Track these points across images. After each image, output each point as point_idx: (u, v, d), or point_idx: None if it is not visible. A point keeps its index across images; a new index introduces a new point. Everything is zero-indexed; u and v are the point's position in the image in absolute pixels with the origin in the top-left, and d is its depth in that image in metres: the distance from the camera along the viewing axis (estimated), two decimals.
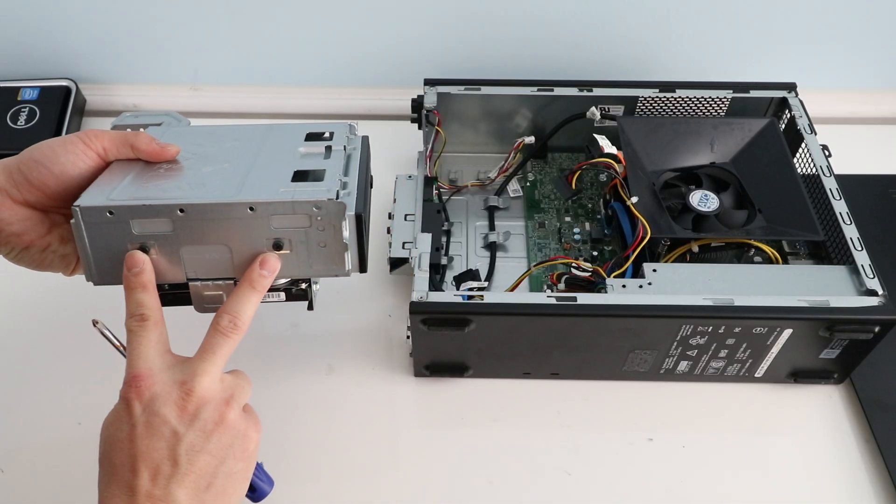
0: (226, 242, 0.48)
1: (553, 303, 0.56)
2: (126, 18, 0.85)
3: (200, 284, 0.50)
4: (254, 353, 0.66)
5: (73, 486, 0.58)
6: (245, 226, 0.47)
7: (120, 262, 0.48)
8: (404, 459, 0.60)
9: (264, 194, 0.46)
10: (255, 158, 0.52)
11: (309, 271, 0.50)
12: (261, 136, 0.55)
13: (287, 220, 0.47)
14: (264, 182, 0.48)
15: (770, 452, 0.61)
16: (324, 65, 0.89)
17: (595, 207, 0.74)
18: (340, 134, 0.55)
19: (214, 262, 0.49)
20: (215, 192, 0.47)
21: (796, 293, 0.57)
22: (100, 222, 0.46)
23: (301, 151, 0.53)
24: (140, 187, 0.48)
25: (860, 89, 0.90)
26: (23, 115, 0.83)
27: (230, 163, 0.51)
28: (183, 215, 0.46)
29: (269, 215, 0.46)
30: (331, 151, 0.53)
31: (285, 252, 0.48)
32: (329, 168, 0.50)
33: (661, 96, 0.73)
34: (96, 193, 0.47)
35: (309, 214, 0.47)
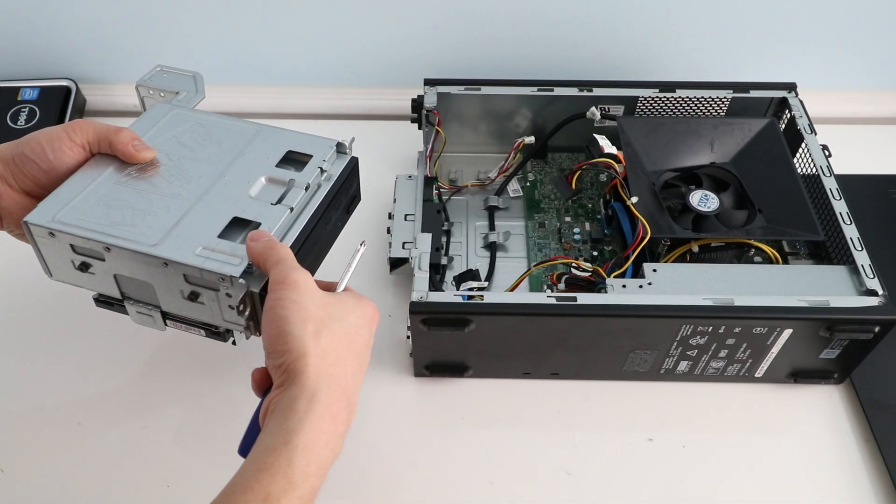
0: (148, 280, 0.50)
1: (553, 303, 0.56)
2: (126, 18, 0.85)
3: (133, 304, 0.53)
4: (254, 352, 0.66)
5: (73, 486, 0.58)
6: (162, 274, 0.49)
7: (68, 268, 0.52)
8: (404, 459, 0.60)
9: (180, 253, 0.48)
10: (214, 183, 0.53)
11: (222, 323, 0.52)
12: (242, 144, 0.56)
13: (198, 279, 0.49)
14: (194, 231, 0.49)
15: (770, 452, 0.61)
16: (324, 65, 0.89)
17: (595, 207, 0.74)
18: (316, 161, 0.55)
19: (143, 290, 0.52)
20: (146, 231, 0.49)
21: (796, 293, 0.57)
22: (45, 237, 0.50)
23: (262, 181, 0.54)
24: (96, 201, 0.50)
25: (860, 89, 0.90)
26: (23, 115, 0.83)
27: (189, 185, 0.52)
28: (108, 252, 0.49)
29: (180, 272, 0.49)
30: (289, 190, 0.53)
31: (200, 303, 0.50)
32: (266, 221, 0.51)
33: (661, 96, 0.73)
34: (50, 207, 0.50)
35: (217, 281, 0.48)
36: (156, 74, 0.62)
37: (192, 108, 0.59)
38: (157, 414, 0.62)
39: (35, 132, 0.52)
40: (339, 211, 0.57)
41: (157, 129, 0.56)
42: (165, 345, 0.67)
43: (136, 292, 0.52)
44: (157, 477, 0.59)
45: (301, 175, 0.54)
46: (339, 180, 0.55)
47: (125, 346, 0.67)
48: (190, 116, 0.58)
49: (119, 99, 0.89)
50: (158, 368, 0.65)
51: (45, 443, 0.60)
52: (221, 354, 0.66)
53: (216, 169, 0.54)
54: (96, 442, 0.61)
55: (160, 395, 0.64)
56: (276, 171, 0.54)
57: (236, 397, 0.64)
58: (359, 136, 0.61)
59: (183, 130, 0.57)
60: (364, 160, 0.63)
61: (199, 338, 0.68)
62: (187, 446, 0.61)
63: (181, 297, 0.50)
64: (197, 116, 0.58)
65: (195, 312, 0.51)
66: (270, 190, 0.53)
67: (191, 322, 0.53)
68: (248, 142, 0.56)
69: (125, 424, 0.62)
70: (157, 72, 0.62)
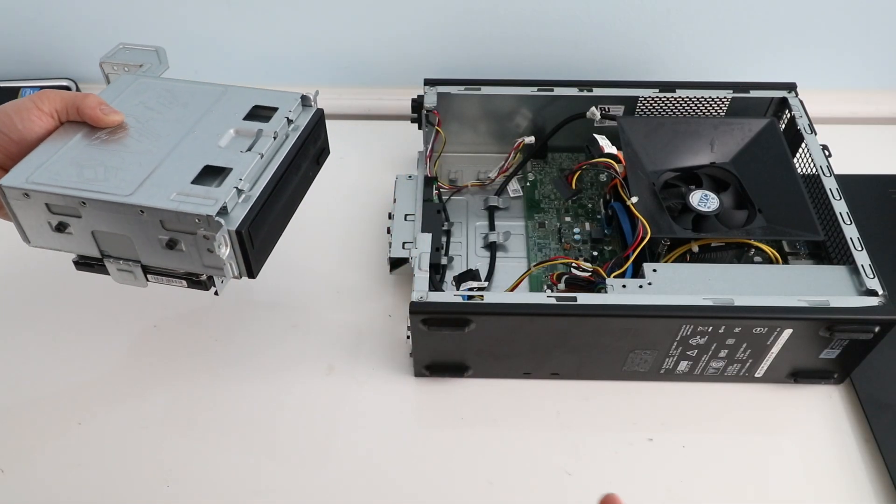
0: (127, 233, 0.51)
1: (553, 303, 0.56)
2: (125, 18, 0.85)
3: (113, 261, 0.53)
4: (254, 353, 0.67)
5: (73, 485, 0.58)
6: (139, 223, 0.50)
7: (45, 232, 0.52)
8: (404, 459, 0.60)
9: (155, 199, 0.49)
10: (184, 138, 0.54)
11: (202, 269, 0.52)
12: (209, 103, 0.57)
13: (175, 224, 0.49)
14: (168, 179, 0.50)
15: (770, 452, 0.61)
16: (324, 65, 0.89)
17: (595, 207, 0.74)
18: (283, 112, 0.57)
19: (121, 245, 0.52)
20: (120, 184, 0.50)
21: (796, 293, 0.57)
22: (20, 199, 0.50)
23: (231, 133, 0.55)
24: (68, 162, 0.51)
25: (860, 89, 0.90)
26: None
27: (159, 141, 0.53)
28: (85, 206, 0.49)
29: (157, 219, 0.49)
30: (258, 138, 0.54)
31: (179, 250, 0.51)
32: (237, 167, 0.52)
33: (661, 96, 0.73)
34: (23, 170, 0.50)
35: (193, 224, 0.49)
36: (119, 51, 0.63)
37: (158, 77, 0.61)
38: (156, 414, 0.62)
39: (2, 105, 0.52)
40: (308, 161, 0.58)
41: (124, 97, 0.57)
42: (165, 346, 0.67)
43: (116, 249, 0.53)
44: (157, 477, 0.59)
45: (268, 125, 0.55)
46: (306, 129, 0.57)
47: (125, 347, 0.67)
48: (155, 84, 0.59)
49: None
50: (159, 369, 0.65)
51: (45, 443, 0.60)
52: (223, 354, 0.66)
53: (184, 126, 0.55)
54: (96, 442, 0.61)
55: (160, 395, 0.64)
56: (243, 124, 0.56)
57: (236, 397, 0.64)
58: (359, 136, 0.61)
59: (149, 96, 0.58)
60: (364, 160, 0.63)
61: (198, 338, 0.68)
62: (187, 446, 0.61)
63: (160, 247, 0.51)
64: (162, 83, 0.59)
65: (175, 262, 0.52)
66: (239, 141, 0.55)
67: (171, 274, 0.54)
68: (214, 101, 0.58)
69: (125, 424, 0.62)
70: (120, 49, 0.64)
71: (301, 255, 0.73)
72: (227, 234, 0.49)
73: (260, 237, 0.51)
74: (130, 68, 0.62)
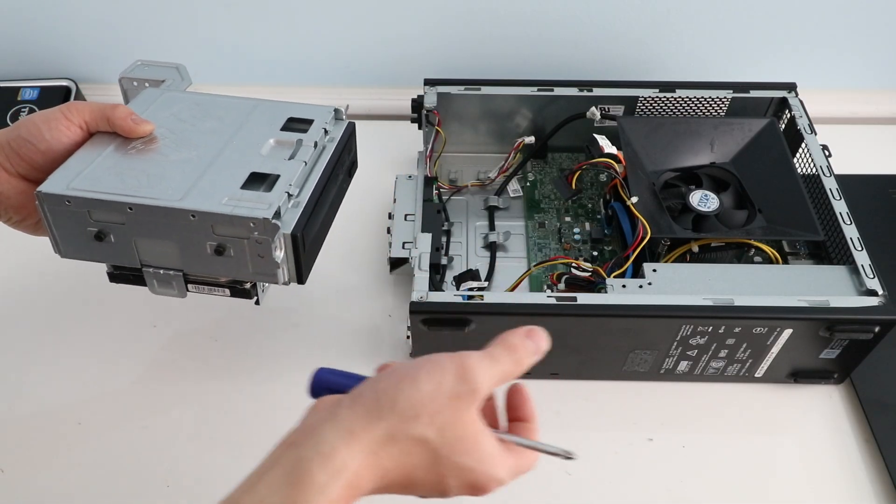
0: (172, 240, 0.50)
1: (553, 303, 0.56)
2: (125, 18, 0.85)
3: (153, 271, 0.52)
4: (253, 353, 0.67)
5: (73, 486, 0.58)
6: (188, 229, 0.49)
7: (81, 242, 0.50)
8: None
9: (207, 203, 0.48)
10: (224, 148, 0.53)
11: (249, 276, 0.51)
12: (242, 117, 0.56)
13: (227, 229, 0.48)
14: (216, 185, 0.49)
15: (770, 452, 0.61)
16: (324, 65, 0.89)
17: (595, 207, 0.74)
18: (319, 124, 0.56)
19: (164, 254, 0.51)
20: (167, 191, 0.49)
21: (796, 293, 0.57)
22: (59, 207, 0.48)
23: (271, 143, 0.54)
24: (106, 171, 0.50)
25: (860, 89, 0.90)
26: (23, 114, 0.83)
27: (198, 151, 0.52)
28: (132, 212, 0.48)
29: (209, 223, 0.48)
30: (299, 147, 0.54)
31: (228, 256, 0.50)
32: (285, 174, 0.51)
33: (661, 96, 0.73)
34: (62, 177, 0.49)
35: (247, 228, 0.48)
36: (137, 67, 0.62)
37: (184, 91, 0.60)
38: (156, 414, 0.62)
39: (31, 115, 0.51)
40: (343, 172, 0.58)
41: (153, 110, 0.56)
42: (166, 345, 0.67)
43: (157, 258, 0.51)
44: (157, 477, 0.58)
45: (307, 136, 0.55)
46: (342, 140, 0.57)
47: (125, 347, 0.67)
48: (183, 97, 0.58)
49: (119, 99, 0.89)
50: (158, 369, 0.65)
51: (45, 443, 0.60)
52: (222, 355, 0.66)
53: (222, 137, 0.54)
54: (96, 442, 0.61)
55: (160, 395, 0.64)
56: (282, 135, 0.55)
57: (236, 397, 0.64)
58: (359, 136, 0.61)
59: (179, 109, 0.57)
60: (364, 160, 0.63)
61: (198, 338, 0.68)
62: (187, 446, 0.61)
63: (207, 254, 0.49)
64: (190, 97, 0.58)
65: (222, 269, 0.51)
66: (280, 150, 0.54)
67: (214, 283, 0.53)
68: (247, 114, 0.57)
69: (125, 424, 0.62)
70: (139, 65, 0.62)
71: None
72: (282, 237, 0.48)
73: (310, 242, 0.51)
74: (152, 83, 0.60)
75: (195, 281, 0.53)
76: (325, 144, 0.56)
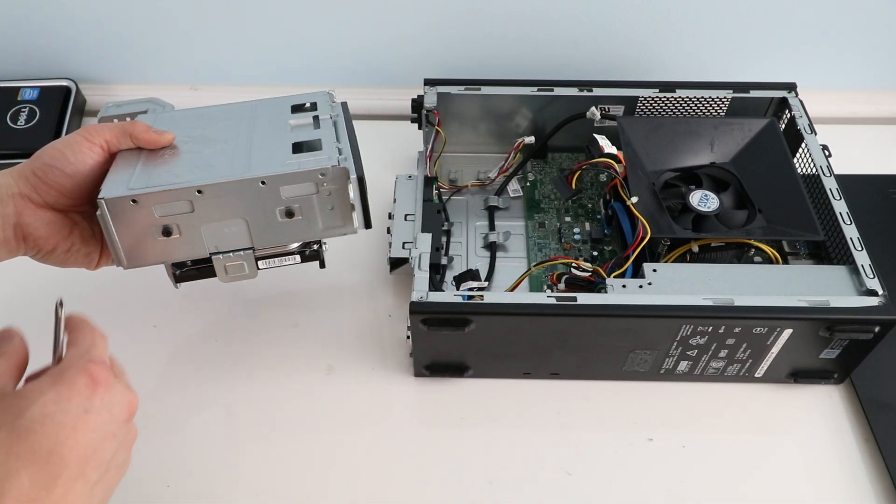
0: (242, 216, 0.51)
1: (553, 303, 0.56)
2: (126, 18, 0.85)
3: (223, 257, 0.53)
4: (253, 353, 0.67)
5: None
6: (258, 198, 0.50)
7: (146, 244, 0.51)
8: (404, 459, 0.60)
9: (272, 168, 0.50)
10: (252, 135, 0.54)
11: (320, 233, 0.53)
12: (249, 113, 0.58)
13: (296, 189, 0.50)
14: (268, 156, 0.51)
15: (770, 452, 0.61)
16: (324, 65, 0.89)
17: (595, 207, 0.74)
18: (323, 103, 0.58)
19: (233, 235, 0.52)
20: (225, 171, 0.50)
21: (796, 293, 0.57)
22: (124, 211, 0.49)
23: (292, 124, 0.56)
24: (152, 174, 0.51)
25: (860, 89, 0.90)
26: (23, 114, 0.83)
27: (229, 142, 0.54)
28: (201, 196, 0.49)
29: (279, 186, 0.50)
30: (318, 121, 0.56)
31: (297, 218, 0.51)
32: (323, 137, 0.53)
33: (661, 96, 0.73)
34: (115, 184, 0.49)
35: (315, 182, 0.50)
36: (111, 108, 0.62)
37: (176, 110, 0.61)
38: (157, 414, 0.62)
39: (50, 143, 0.51)
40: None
41: (160, 126, 0.56)
42: (166, 346, 0.67)
43: (225, 241, 0.52)
44: (157, 477, 0.59)
45: (320, 111, 0.57)
46: (346, 115, 0.58)
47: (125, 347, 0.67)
48: (181, 113, 0.59)
49: (118, 99, 0.89)
50: (158, 369, 0.65)
51: None
52: (222, 355, 0.66)
53: (242, 130, 0.55)
54: None
55: (160, 395, 0.64)
56: (296, 117, 0.57)
57: (235, 397, 0.64)
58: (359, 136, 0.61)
59: (184, 121, 0.57)
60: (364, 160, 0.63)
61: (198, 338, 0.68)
62: (187, 446, 0.61)
63: (277, 221, 0.51)
64: (188, 111, 0.59)
65: (292, 234, 0.53)
66: (302, 129, 0.55)
67: (284, 252, 0.54)
68: (252, 112, 0.58)
69: None
70: (111, 106, 0.62)
71: None
72: (352, 181, 0.51)
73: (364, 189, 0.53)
74: (132, 116, 0.61)
75: (264, 255, 0.54)
76: (336, 119, 0.57)
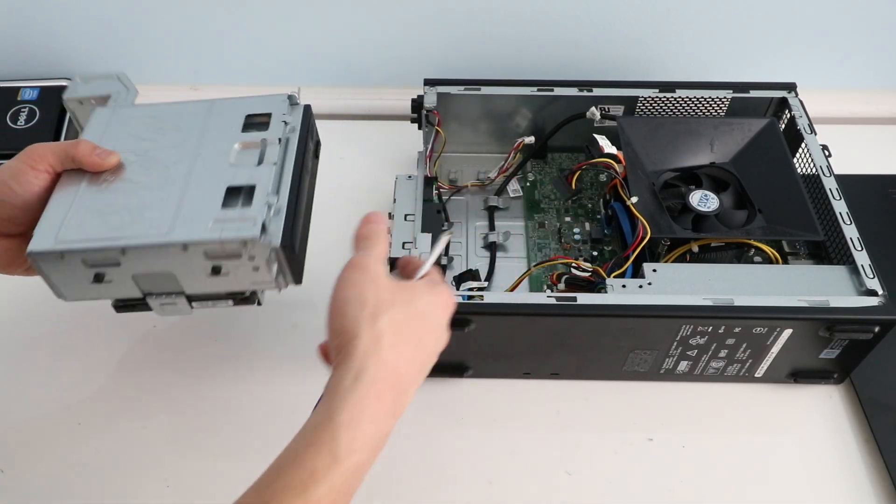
0: (169, 269, 0.50)
1: (553, 303, 0.56)
2: (126, 18, 0.85)
3: (156, 297, 0.52)
4: (253, 353, 0.67)
5: (73, 486, 0.58)
6: (182, 259, 0.49)
7: (81, 285, 0.50)
8: (404, 460, 0.60)
9: (194, 232, 0.48)
10: (192, 164, 0.53)
11: (248, 287, 0.52)
12: (201, 122, 0.56)
13: (219, 252, 0.49)
14: (198, 209, 0.50)
15: (770, 452, 0.61)
16: (324, 65, 0.89)
17: (595, 207, 0.74)
18: (277, 117, 0.56)
19: (163, 281, 0.51)
20: (153, 224, 0.49)
21: (796, 293, 0.57)
22: (54, 261, 0.49)
23: (236, 150, 0.54)
24: (87, 213, 0.50)
25: (860, 89, 0.90)
26: (22, 115, 0.83)
27: (169, 170, 0.52)
28: (125, 254, 0.49)
29: (200, 251, 0.49)
30: (265, 148, 0.54)
31: (224, 275, 0.50)
32: (260, 182, 0.51)
33: (661, 96, 0.73)
34: (47, 230, 0.49)
35: (238, 248, 0.48)
36: (79, 85, 0.61)
37: (133, 105, 0.59)
38: (156, 414, 0.62)
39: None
40: (310, 156, 0.58)
41: (110, 133, 0.56)
42: (165, 346, 0.67)
43: (158, 286, 0.52)
44: (157, 477, 0.59)
45: (269, 132, 0.55)
46: (303, 128, 0.56)
47: (125, 347, 0.67)
48: (136, 112, 0.58)
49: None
50: (158, 369, 0.65)
51: (45, 443, 0.60)
52: (222, 355, 0.66)
53: (187, 150, 0.54)
54: (96, 442, 0.61)
55: (160, 395, 0.64)
56: (244, 136, 0.55)
57: (236, 397, 0.64)
58: (359, 136, 0.61)
59: (136, 126, 0.56)
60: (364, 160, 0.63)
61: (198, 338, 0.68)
62: (187, 446, 0.61)
63: (205, 276, 0.50)
64: (143, 110, 0.58)
65: (221, 286, 0.51)
66: (247, 154, 0.54)
67: (216, 297, 0.53)
68: (204, 118, 0.56)
69: (125, 424, 0.62)
70: (79, 83, 0.61)
71: None
72: (273, 251, 0.49)
73: (297, 243, 0.52)
74: (98, 100, 0.59)
75: (198, 297, 0.53)
76: (288, 136, 0.56)
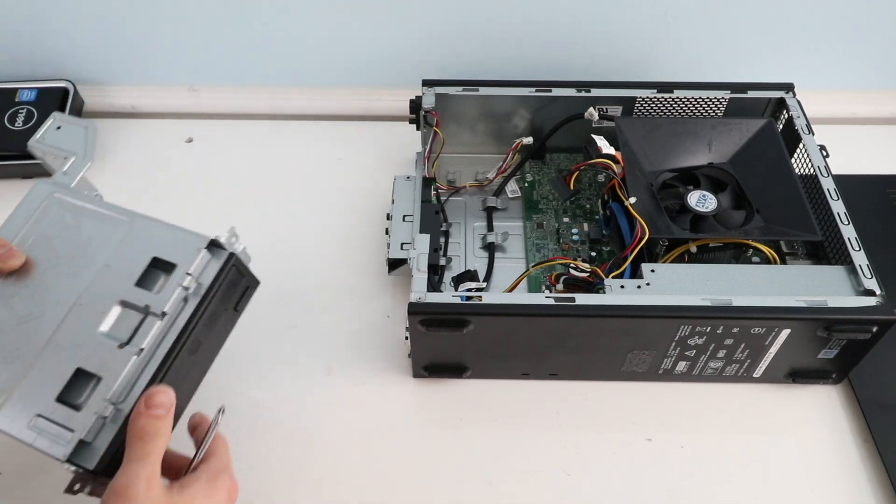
0: None
1: (551, 303, 0.56)
2: (124, 19, 0.85)
3: None
4: (253, 353, 0.67)
5: None
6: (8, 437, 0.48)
7: None
8: (403, 460, 0.60)
9: (15, 423, 0.47)
10: (68, 314, 0.50)
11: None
12: (109, 247, 0.52)
13: None
14: (36, 389, 0.47)
15: (769, 452, 0.61)
16: (322, 65, 0.89)
17: (593, 208, 0.75)
18: (183, 268, 0.49)
19: None
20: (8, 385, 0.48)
21: (794, 293, 0.57)
22: None
23: (114, 313, 0.49)
24: None
25: (859, 89, 0.91)
26: (20, 116, 0.83)
27: (45, 314, 0.50)
28: None
29: None
30: (144, 319, 0.49)
31: None
32: (108, 375, 0.47)
33: (659, 97, 0.73)
34: None
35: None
36: (50, 128, 0.59)
37: (73, 187, 0.56)
38: None
39: None
40: (217, 323, 0.52)
41: (31, 225, 0.54)
42: None
43: None
44: None
45: (159, 298, 0.49)
46: (209, 291, 0.49)
47: None
48: (63, 207, 0.55)
49: (116, 100, 0.89)
50: None
51: None
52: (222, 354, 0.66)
53: (74, 289, 0.50)
54: None
55: None
56: (133, 293, 0.49)
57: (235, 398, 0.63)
58: (357, 136, 0.61)
59: (54, 226, 0.54)
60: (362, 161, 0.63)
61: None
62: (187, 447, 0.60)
63: None
64: (72, 207, 0.55)
65: None
66: (124, 320, 0.49)
67: None
68: (117, 241, 0.52)
69: None
70: (51, 124, 0.59)
71: (300, 256, 0.73)
72: (84, 473, 0.47)
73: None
74: (57, 157, 0.57)
75: None
76: (188, 297, 0.49)
